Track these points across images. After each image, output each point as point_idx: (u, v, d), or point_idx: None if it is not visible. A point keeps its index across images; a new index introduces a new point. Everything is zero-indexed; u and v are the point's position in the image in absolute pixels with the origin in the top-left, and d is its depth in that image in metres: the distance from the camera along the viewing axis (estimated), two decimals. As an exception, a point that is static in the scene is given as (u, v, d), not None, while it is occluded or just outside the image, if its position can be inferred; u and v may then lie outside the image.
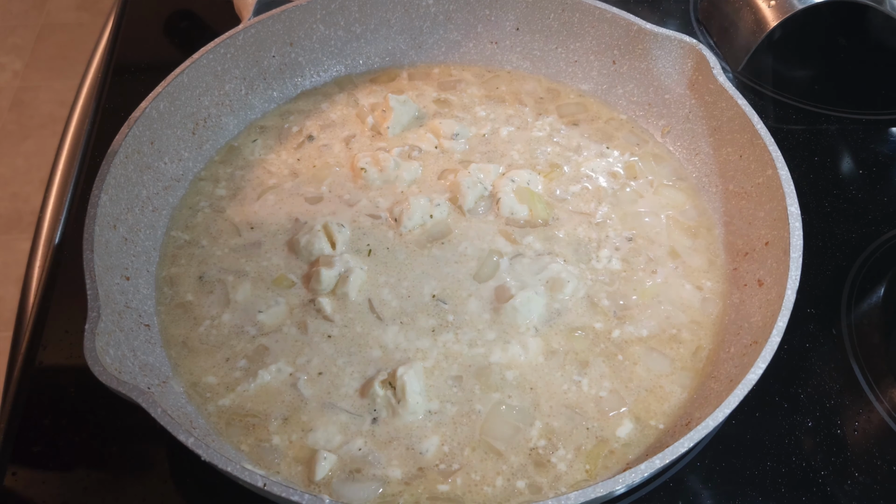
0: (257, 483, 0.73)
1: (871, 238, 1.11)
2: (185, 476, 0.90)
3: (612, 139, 1.17)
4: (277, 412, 0.91)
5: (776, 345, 0.82)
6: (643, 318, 0.99)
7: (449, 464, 0.87)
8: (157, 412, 0.76)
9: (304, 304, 0.99)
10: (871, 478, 0.91)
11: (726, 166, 1.07)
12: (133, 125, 1.00)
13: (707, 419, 0.77)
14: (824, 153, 1.22)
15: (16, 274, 2.50)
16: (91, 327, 0.81)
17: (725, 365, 0.90)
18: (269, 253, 1.04)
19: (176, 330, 0.97)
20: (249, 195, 1.10)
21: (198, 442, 0.75)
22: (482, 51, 1.26)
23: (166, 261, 1.03)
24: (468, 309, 0.98)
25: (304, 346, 0.96)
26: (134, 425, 0.92)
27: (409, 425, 0.89)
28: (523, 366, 0.94)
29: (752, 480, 0.90)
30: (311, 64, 1.22)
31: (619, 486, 0.74)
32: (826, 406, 0.96)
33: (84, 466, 0.91)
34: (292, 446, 0.88)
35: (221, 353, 0.95)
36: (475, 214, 1.08)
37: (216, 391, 0.92)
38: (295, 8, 1.15)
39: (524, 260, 1.03)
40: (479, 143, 1.17)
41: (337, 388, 0.92)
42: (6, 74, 3.12)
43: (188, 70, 1.07)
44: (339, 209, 1.09)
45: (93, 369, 0.77)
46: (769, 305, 0.88)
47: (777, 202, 0.95)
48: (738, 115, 1.03)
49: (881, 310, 1.04)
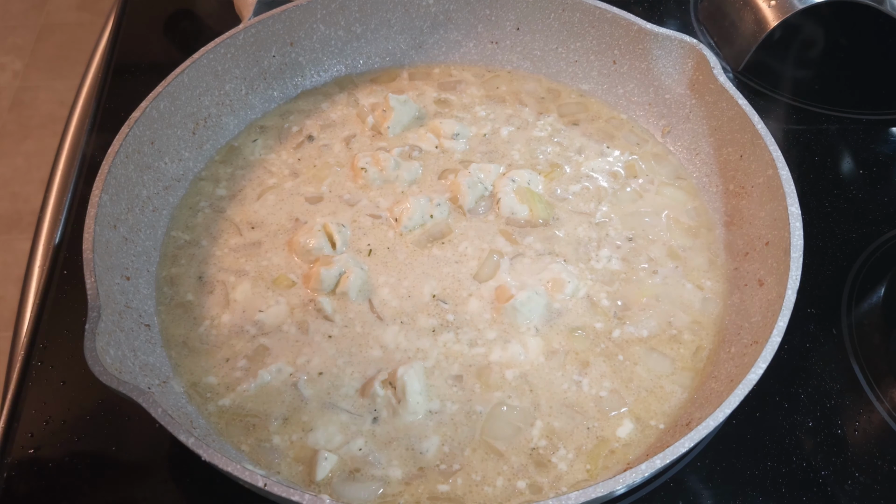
0: (258, 483, 0.73)
1: (872, 238, 1.11)
2: (185, 476, 0.90)
3: (612, 139, 1.17)
4: (278, 412, 0.91)
5: (776, 345, 0.82)
6: (643, 318, 0.99)
7: (450, 464, 0.87)
8: (158, 412, 0.76)
9: (305, 304, 0.99)
10: (871, 478, 0.91)
11: (727, 166, 1.07)
12: (133, 125, 1.00)
13: (707, 419, 0.77)
14: (824, 153, 1.22)
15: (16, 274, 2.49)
16: (91, 327, 0.81)
17: (726, 365, 0.90)
18: (269, 253, 1.04)
19: (176, 330, 0.97)
20: (249, 195, 1.10)
21: (198, 442, 0.75)
22: (482, 51, 1.26)
23: (166, 261, 1.03)
24: (468, 309, 0.98)
25: (305, 345, 0.96)
26: (134, 425, 0.93)
27: (409, 425, 0.89)
28: (524, 365, 0.94)
29: (753, 480, 0.90)
30: (311, 64, 1.22)
31: (620, 486, 0.74)
32: (826, 406, 0.96)
33: (84, 466, 0.91)
34: (293, 446, 0.88)
35: (221, 353, 0.95)
36: (475, 214, 1.08)
37: (216, 391, 0.92)
38: (295, 8, 1.15)
39: (524, 260, 1.03)
40: (480, 143, 1.16)
41: (337, 388, 0.92)
42: (6, 74, 3.12)
43: (188, 70, 1.07)
44: (340, 209, 1.09)
45: (93, 369, 0.77)
46: (770, 305, 0.88)
47: (777, 202, 0.95)
48: (738, 115, 1.04)
49: (882, 309, 1.04)
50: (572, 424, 0.90)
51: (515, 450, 0.88)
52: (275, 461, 0.87)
